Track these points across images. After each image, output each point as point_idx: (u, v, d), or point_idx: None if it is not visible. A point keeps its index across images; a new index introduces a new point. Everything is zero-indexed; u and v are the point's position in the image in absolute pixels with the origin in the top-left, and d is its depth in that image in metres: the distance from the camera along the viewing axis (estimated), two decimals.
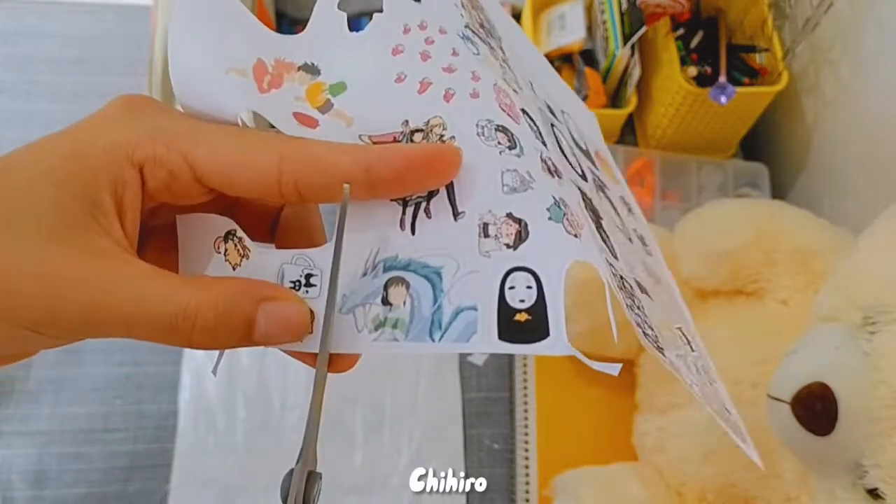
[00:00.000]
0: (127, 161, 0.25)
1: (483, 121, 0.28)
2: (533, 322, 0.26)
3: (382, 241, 0.27)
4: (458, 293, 0.26)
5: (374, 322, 0.27)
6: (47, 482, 0.66)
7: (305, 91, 0.29)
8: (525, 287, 0.26)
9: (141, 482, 0.67)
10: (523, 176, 0.27)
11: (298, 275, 0.28)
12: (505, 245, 0.26)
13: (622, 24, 0.77)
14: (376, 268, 0.27)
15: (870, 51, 0.71)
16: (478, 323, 0.26)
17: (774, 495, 0.57)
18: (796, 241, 0.63)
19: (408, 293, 0.26)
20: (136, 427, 0.69)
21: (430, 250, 0.27)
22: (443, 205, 0.27)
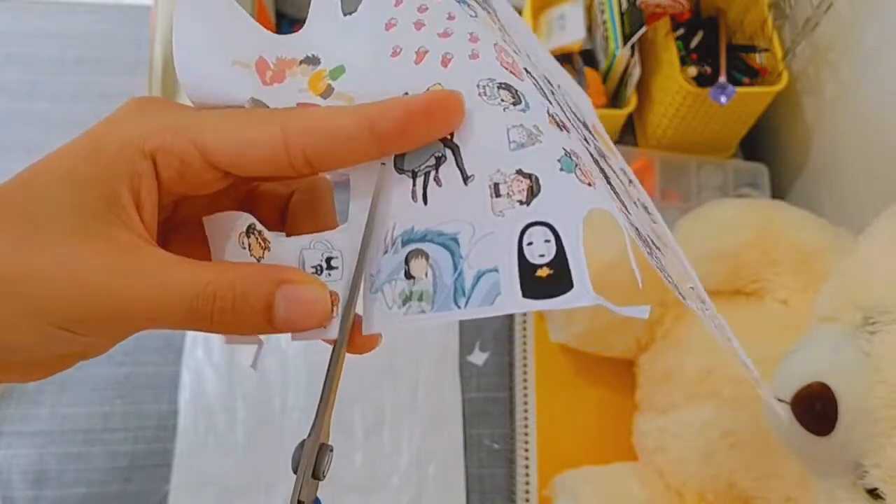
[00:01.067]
0: (140, 154, 0.25)
1: (484, 80, 0.28)
2: (555, 276, 0.25)
3: (397, 216, 0.27)
4: (477, 257, 0.26)
5: (401, 297, 0.27)
6: (47, 482, 0.66)
7: (308, 82, 0.29)
8: (543, 241, 0.25)
9: (141, 482, 0.67)
10: (530, 130, 0.27)
11: (319, 259, 0.28)
12: (518, 202, 0.26)
13: (622, 24, 0.77)
14: (395, 243, 0.27)
15: (870, 51, 0.71)
16: (500, 284, 0.25)
17: (774, 495, 0.57)
18: (796, 241, 0.63)
19: (428, 264, 0.26)
20: (136, 427, 0.69)
21: (444, 218, 0.27)
22: (451, 171, 0.27)
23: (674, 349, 0.65)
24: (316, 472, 0.27)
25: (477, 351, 0.75)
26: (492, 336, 0.76)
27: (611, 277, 0.65)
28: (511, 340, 0.76)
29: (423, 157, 0.27)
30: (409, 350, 0.75)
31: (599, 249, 0.66)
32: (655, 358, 0.67)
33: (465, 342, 0.76)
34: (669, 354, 0.65)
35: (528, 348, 0.74)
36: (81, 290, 0.24)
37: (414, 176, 0.27)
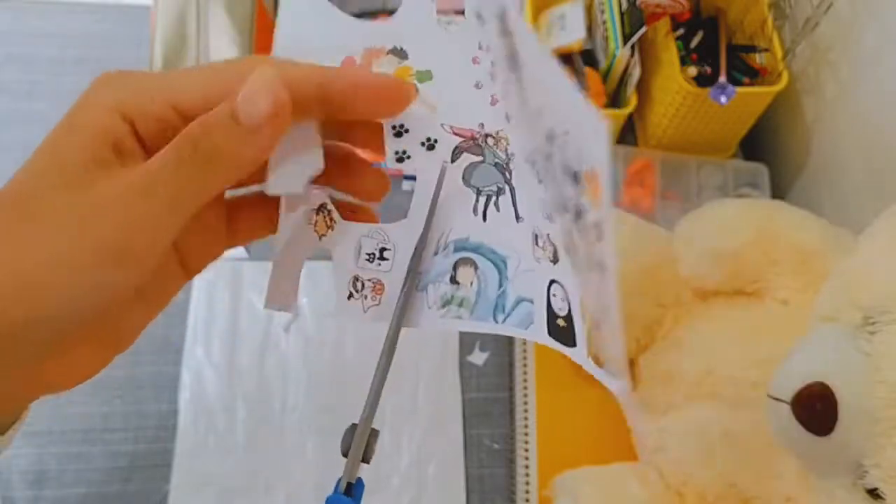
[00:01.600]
0: (118, 117, 0.26)
1: (526, 150, 0.29)
2: (568, 329, 0.28)
3: (455, 223, 0.29)
4: (520, 284, 0.28)
5: (442, 299, 0.28)
6: (47, 482, 0.66)
7: (394, 72, 0.30)
8: (561, 299, 0.28)
9: (141, 482, 0.67)
10: (549, 209, 0.29)
11: (374, 248, 0.30)
12: (549, 259, 0.28)
13: (622, 24, 0.77)
14: (447, 247, 0.29)
15: (870, 51, 0.71)
16: (534, 315, 0.27)
17: (774, 495, 0.57)
18: (796, 241, 0.63)
19: (475, 274, 0.28)
20: (136, 427, 0.69)
21: (499, 239, 0.29)
22: (508, 204, 0.29)
23: (673, 349, 0.65)
24: (365, 456, 0.28)
25: (477, 351, 0.75)
26: (492, 336, 0.76)
27: None
28: (511, 340, 0.76)
29: (489, 180, 0.29)
30: (410, 350, 0.74)
31: None
32: (655, 358, 0.67)
33: (465, 342, 0.76)
34: (669, 355, 0.65)
35: (528, 348, 0.74)
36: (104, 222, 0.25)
37: (478, 193, 0.29)
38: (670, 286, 0.67)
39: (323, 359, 0.73)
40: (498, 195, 0.29)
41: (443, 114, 0.30)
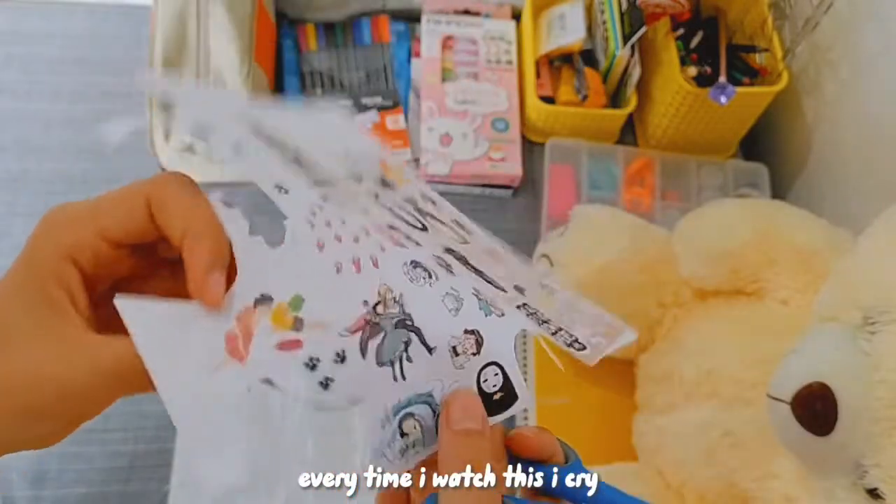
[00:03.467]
0: (61, 258, 0.30)
1: (401, 265, 0.33)
2: (506, 395, 0.34)
3: (387, 397, 0.33)
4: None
5: (400, 452, 0.33)
6: (47, 482, 0.66)
7: (271, 321, 0.31)
8: (493, 375, 0.34)
9: (141, 482, 0.67)
10: (453, 294, 0.34)
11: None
12: (472, 354, 0.34)
13: (622, 25, 0.77)
14: (389, 418, 0.33)
15: (870, 51, 0.71)
16: None
17: (774, 495, 0.57)
18: (796, 241, 0.63)
19: (415, 420, 0.33)
20: (135, 427, 0.69)
21: (421, 384, 0.33)
22: (419, 348, 0.33)
23: (673, 349, 0.65)
24: None
25: None
26: None
27: (610, 278, 0.65)
28: None
29: (395, 346, 0.33)
30: None
31: (599, 251, 0.66)
32: (655, 358, 0.67)
33: None
34: (669, 355, 0.65)
35: (528, 348, 0.74)
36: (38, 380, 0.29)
37: (391, 364, 0.33)
38: (670, 286, 0.67)
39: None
40: (407, 349, 0.33)
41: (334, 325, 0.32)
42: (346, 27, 0.88)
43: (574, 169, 0.83)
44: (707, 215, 0.68)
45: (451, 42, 0.88)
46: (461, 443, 0.31)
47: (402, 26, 0.90)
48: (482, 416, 0.32)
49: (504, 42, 0.88)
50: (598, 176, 0.83)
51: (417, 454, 0.33)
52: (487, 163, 0.81)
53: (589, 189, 0.82)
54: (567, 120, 0.82)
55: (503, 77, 0.86)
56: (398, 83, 0.86)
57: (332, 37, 0.88)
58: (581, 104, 0.82)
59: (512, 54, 0.88)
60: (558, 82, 0.84)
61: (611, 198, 0.81)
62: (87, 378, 0.30)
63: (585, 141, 0.83)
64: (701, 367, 0.61)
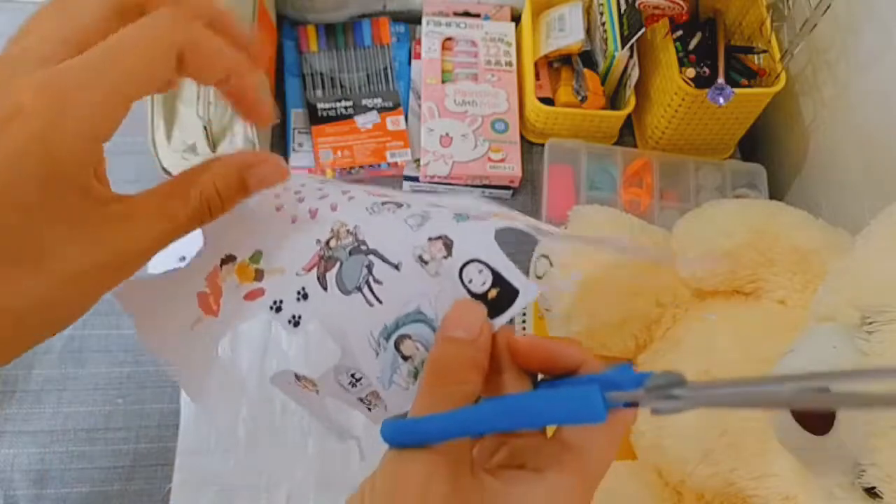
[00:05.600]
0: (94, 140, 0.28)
1: (368, 205, 0.34)
2: (502, 291, 0.31)
3: (368, 324, 0.32)
4: (441, 313, 0.31)
5: (410, 375, 0.32)
6: (49, 481, 0.66)
7: (236, 276, 0.34)
8: (478, 273, 0.31)
9: (143, 481, 0.67)
10: (421, 214, 0.33)
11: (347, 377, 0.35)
12: (442, 258, 0.31)
13: (621, 26, 0.77)
14: (380, 344, 0.32)
15: (868, 52, 0.71)
16: None
17: (772, 494, 0.57)
18: (794, 241, 0.64)
19: (413, 341, 0.31)
20: (137, 426, 0.69)
21: (401, 303, 0.32)
22: (383, 267, 0.32)
23: (672, 349, 0.65)
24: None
25: None
26: None
27: (609, 278, 0.65)
28: None
29: (356, 273, 0.32)
30: None
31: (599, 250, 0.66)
32: (654, 358, 0.67)
33: None
34: (668, 354, 0.66)
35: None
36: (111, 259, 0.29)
37: (359, 289, 0.32)
38: (669, 286, 0.67)
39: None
40: (371, 271, 0.32)
41: (291, 269, 0.33)
42: (346, 29, 0.89)
43: (573, 169, 0.83)
44: (705, 216, 0.68)
45: (450, 43, 0.88)
46: (444, 351, 0.30)
47: (402, 28, 0.90)
48: (473, 325, 0.30)
49: (503, 43, 0.89)
50: (597, 176, 0.83)
51: None
52: (487, 163, 0.82)
53: (588, 189, 0.82)
54: (566, 121, 0.83)
55: (503, 78, 0.87)
56: (398, 84, 0.86)
57: (332, 38, 0.88)
58: (580, 105, 0.82)
59: (511, 56, 0.88)
60: (557, 83, 0.85)
61: (609, 198, 0.82)
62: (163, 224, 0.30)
63: (584, 142, 0.83)
64: (699, 367, 0.62)
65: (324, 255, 0.33)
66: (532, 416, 0.28)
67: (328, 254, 0.33)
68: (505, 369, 0.31)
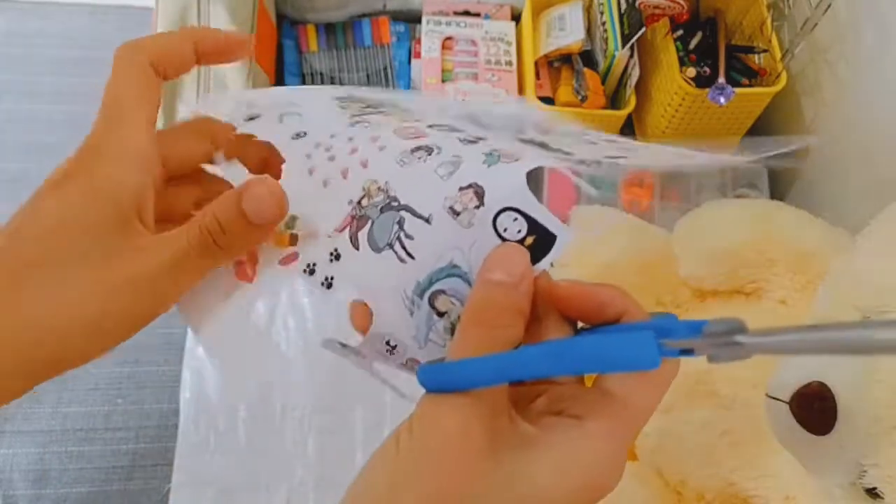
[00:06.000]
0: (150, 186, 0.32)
1: (398, 156, 0.32)
2: (538, 238, 0.30)
3: (401, 282, 0.31)
4: (475, 266, 0.30)
5: (446, 332, 0.31)
6: (49, 481, 0.66)
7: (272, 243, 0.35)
8: (512, 221, 0.30)
9: (142, 481, 0.67)
10: (451, 161, 0.32)
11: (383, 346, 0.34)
12: (474, 208, 0.30)
13: (621, 25, 0.77)
14: (413, 301, 0.31)
15: (868, 51, 0.71)
16: None
17: (773, 494, 0.57)
18: (795, 241, 0.64)
19: (448, 297, 0.31)
20: (137, 426, 0.69)
21: (434, 258, 0.31)
22: (414, 222, 0.31)
23: None
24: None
25: None
26: None
27: (609, 278, 0.65)
28: None
29: (387, 229, 0.32)
30: None
31: (599, 251, 0.66)
32: None
33: None
34: None
35: None
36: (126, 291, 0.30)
37: (391, 246, 0.31)
38: (669, 286, 0.67)
39: (323, 358, 0.73)
40: (402, 227, 0.31)
41: (324, 230, 0.33)
42: (346, 28, 0.89)
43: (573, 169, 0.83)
44: (706, 216, 0.68)
45: (450, 43, 0.88)
46: (486, 294, 0.29)
47: (402, 27, 0.90)
48: (515, 268, 0.29)
49: (504, 43, 0.88)
50: (598, 176, 0.83)
51: None
52: None
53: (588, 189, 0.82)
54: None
55: (503, 78, 0.86)
56: (398, 84, 0.86)
57: (332, 38, 0.88)
58: (580, 105, 0.82)
59: (511, 55, 0.88)
60: (557, 83, 0.85)
61: (610, 198, 0.82)
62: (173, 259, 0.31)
63: None
64: (700, 367, 0.62)
65: (356, 214, 0.32)
66: (580, 360, 0.27)
67: (360, 213, 0.32)
68: (545, 316, 0.30)
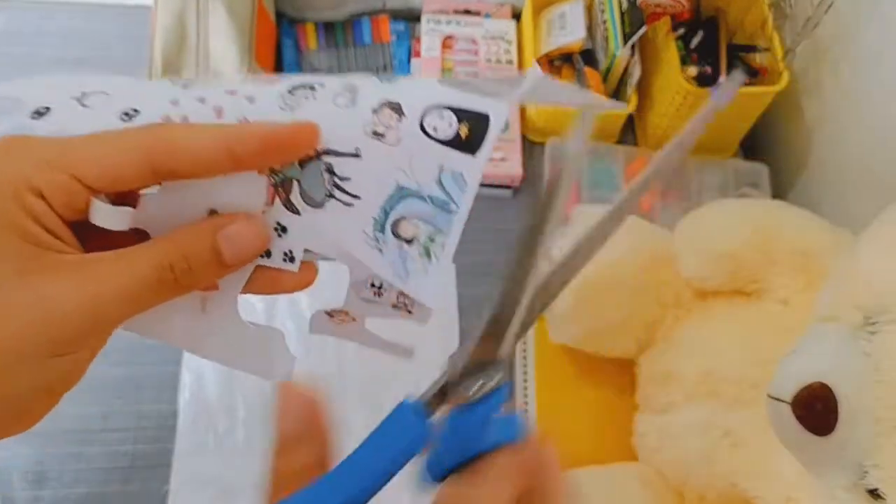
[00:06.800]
0: (30, 193, 0.26)
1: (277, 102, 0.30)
2: (472, 125, 0.29)
3: (356, 226, 0.30)
4: (424, 178, 0.29)
5: (422, 257, 0.30)
6: (47, 482, 0.66)
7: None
8: (439, 118, 0.29)
9: (141, 482, 0.67)
10: (345, 89, 0.30)
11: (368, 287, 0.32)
12: (396, 122, 0.29)
13: (622, 24, 0.77)
14: (379, 240, 0.30)
15: (870, 50, 0.71)
16: (455, 169, 0.29)
17: (774, 495, 0.57)
18: (796, 241, 0.63)
19: (408, 221, 0.30)
20: (135, 427, 0.69)
21: (379, 189, 0.30)
22: (342, 162, 0.29)
23: (674, 349, 0.65)
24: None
25: None
26: None
27: (611, 277, 0.65)
28: None
29: (318, 181, 0.30)
30: None
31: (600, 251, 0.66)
32: (655, 358, 0.67)
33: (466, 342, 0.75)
34: (669, 355, 0.65)
35: (527, 348, 0.74)
36: (59, 314, 0.26)
37: (331, 196, 0.30)
38: (671, 286, 0.67)
39: (323, 359, 0.73)
40: (333, 174, 0.30)
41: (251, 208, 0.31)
42: (346, 27, 0.88)
43: None
44: (707, 215, 0.68)
45: (451, 42, 0.88)
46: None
47: (402, 26, 0.90)
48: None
49: (504, 42, 0.88)
50: (599, 176, 0.83)
51: (443, 246, 0.30)
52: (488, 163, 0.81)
53: (589, 189, 0.82)
54: (567, 120, 0.82)
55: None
56: None
57: (332, 36, 0.88)
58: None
59: (512, 54, 0.88)
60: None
61: (611, 197, 0.81)
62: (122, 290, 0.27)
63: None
64: (701, 367, 0.61)
65: (275, 181, 0.30)
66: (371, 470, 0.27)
67: (279, 178, 0.30)
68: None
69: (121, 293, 0.27)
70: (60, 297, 0.26)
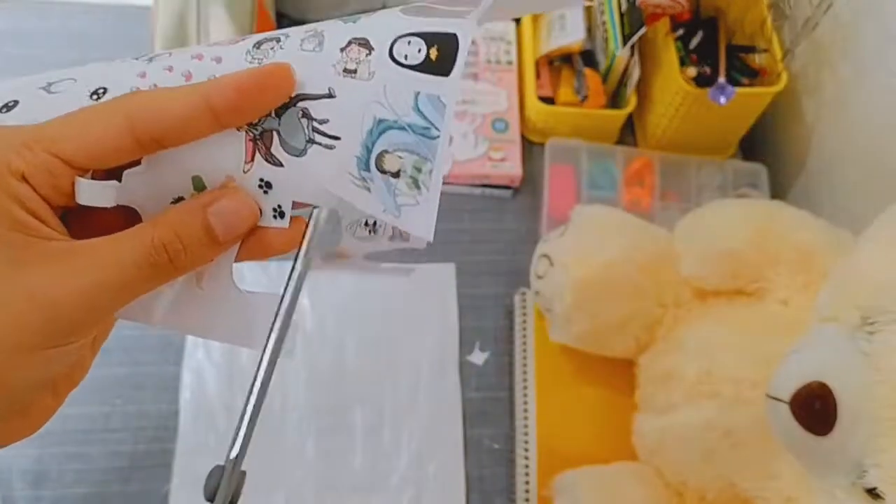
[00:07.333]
0: (12, 176, 0.25)
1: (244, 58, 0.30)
2: (441, 47, 0.28)
3: (340, 168, 0.30)
4: (400, 108, 0.29)
5: (409, 188, 0.29)
6: (47, 482, 0.66)
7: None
8: (407, 45, 0.29)
9: (141, 482, 0.67)
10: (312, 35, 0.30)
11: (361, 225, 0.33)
12: (366, 56, 0.29)
13: (622, 25, 0.77)
14: (365, 178, 0.30)
15: (869, 51, 0.71)
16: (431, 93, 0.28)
17: (774, 495, 0.57)
18: (796, 241, 0.63)
19: (391, 154, 0.29)
20: (136, 427, 0.69)
21: (358, 126, 0.29)
22: (318, 105, 0.29)
23: (674, 349, 0.65)
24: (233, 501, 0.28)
25: (477, 351, 0.76)
26: (492, 336, 0.76)
27: (610, 278, 0.65)
28: (511, 340, 0.76)
29: (297, 128, 0.29)
30: (409, 350, 0.75)
31: (599, 251, 0.66)
32: (655, 358, 0.67)
33: (465, 342, 0.76)
34: (669, 355, 0.65)
35: (528, 348, 0.74)
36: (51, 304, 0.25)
37: (312, 141, 0.29)
38: (670, 286, 0.67)
39: (323, 358, 0.74)
40: (310, 119, 0.29)
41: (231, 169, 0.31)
42: None
43: (574, 169, 0.83)
44: (707, 215, 0.68)
45: None
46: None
47: None
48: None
49: (504, 42, 0.88)
50: (598, 176, 0.83)
51: (431, 173, 0.29)
52: (487, 163, 0.81)
53: (589, 189, 0.82)
54: (567, 120, 0.82)
55: (503, 77, 0.86)
56: None
57: None
58: (581, 104, 0.82)
59: (512, 54, 0.88)
60: (558, 83, 0.84)
61: (610, 198, 0.81)
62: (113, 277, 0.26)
63: (585, 141, 0.83)
64: (701, 367, 0.61)
65: (254, 136, 0.30)
66: None
67: (257, 132, 0.30)
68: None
69: (114, 279, 0.26)
70: (52, 287, 0.25)
